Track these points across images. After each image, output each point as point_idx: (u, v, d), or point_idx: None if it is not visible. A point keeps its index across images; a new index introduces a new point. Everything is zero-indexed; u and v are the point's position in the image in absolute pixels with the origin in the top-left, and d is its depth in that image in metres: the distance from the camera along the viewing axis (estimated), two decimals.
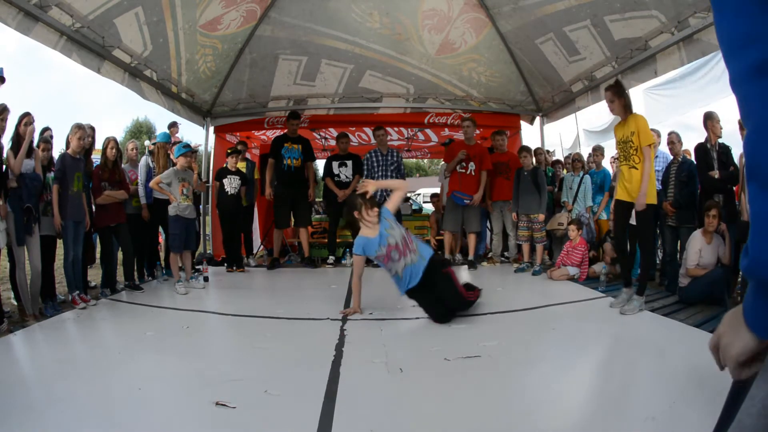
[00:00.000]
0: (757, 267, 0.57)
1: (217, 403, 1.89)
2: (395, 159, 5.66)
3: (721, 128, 4.08)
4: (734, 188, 4.13)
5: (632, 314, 3.26)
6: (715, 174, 4.00)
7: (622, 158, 3.47)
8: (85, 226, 3.93)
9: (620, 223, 3.59)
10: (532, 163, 5.34)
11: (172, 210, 4.33)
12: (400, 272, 3.13)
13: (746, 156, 0.59)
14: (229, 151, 5.66)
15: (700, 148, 4.17)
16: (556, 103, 6.23)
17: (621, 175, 3.51)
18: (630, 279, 3.54)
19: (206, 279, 4.64)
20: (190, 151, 4.51)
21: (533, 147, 5.87)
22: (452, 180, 5.53)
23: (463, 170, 5.41)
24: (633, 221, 3.56)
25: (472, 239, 5.49)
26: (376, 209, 3.23)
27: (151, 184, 4.41)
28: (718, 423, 0.74)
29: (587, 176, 5.49)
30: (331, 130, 7.15)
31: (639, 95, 7.53)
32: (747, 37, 0.56)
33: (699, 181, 4.19)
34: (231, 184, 5.42)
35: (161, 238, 5.46)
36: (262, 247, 6.76)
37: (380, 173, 5.55)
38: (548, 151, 7.36)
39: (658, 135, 5.19)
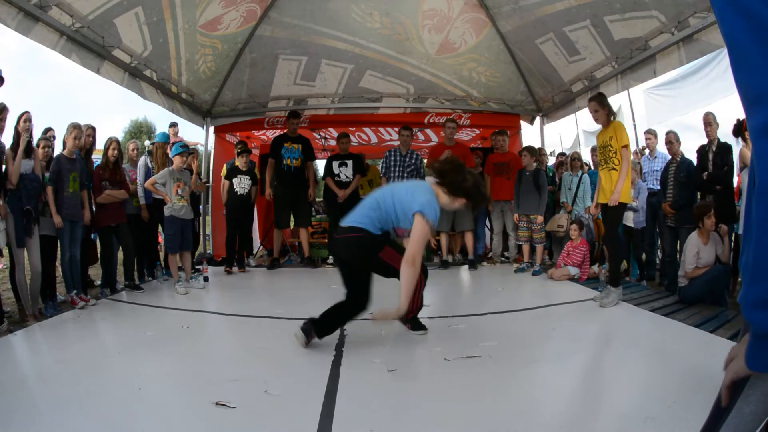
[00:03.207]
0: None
1: (217, 403, 1.89)
2: (414, 161, 5.57)
3: (712, 131, 4.11)
4: (734, 188, 4.13)
5: (611, 306, 3.40)
6: (703, 176, 4.06)
7: (602, 162, 3.66)
8: (82, 226, 3.92)
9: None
10: (534, 163, 5.34)
11: (167, 210, 4.34)
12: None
13: (756, 209, 0.62)
14: (239, 150, 5.60)
15: (699, 150, 4.20)
16: (556, 103, 6.23)
17: (600, 180, 3.69)
18: (618, 279, 3.67)
19: (206, 279, 4.65)
20: (186, 151, 4.50)
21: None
22: None
23: None
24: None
25: (468, 238, 5.48)
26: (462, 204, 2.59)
27: (146, 184, 4.43)
28: (712, 413, 0.75)
29: (586, 176, 5.49)
30: (331, 130, 7.15)
31: (639, 95, 7.55)
32: (759, 96, 0.59)
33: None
34: (241, 184, 5.41)
35: (161, 238, 5.46)
36: (262, 247, 6.76)
37: (396, 173, 5.49)
38: (563, 154, 7.34)
39: (655, 135, 5.20)
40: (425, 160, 6.84)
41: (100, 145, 4.55)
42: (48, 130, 4.26)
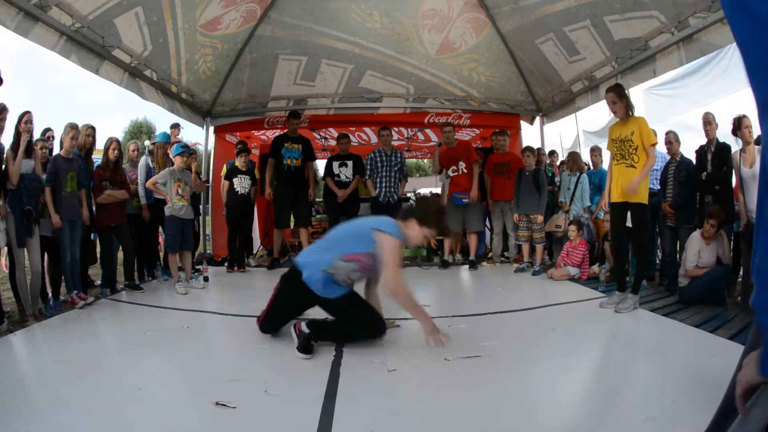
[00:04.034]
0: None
1: (217, 403, 1.89)
2: (398, 160, 5.68)
3: (711, 131, 4.09)
4: (733, 187, 4.13)
5: (626, 312, 3.28)
6: (702, 176, 4.05)
7: (618, 157, 3.46)
8: (80, 225, 3.92)
9: (617, 226, 3.59)
10: (534, 164, 5.34)
11: (167, 210, 4.34)
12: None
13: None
14: (238, 149, 5.61)
15: (698, 150, 4.20)
16: (556, 103, 6.23)
17: (615, 176, 3.50)
18: (624, 282, 3.52)
19: (206, 279, 4.65)
20: (186, 151, 4.50)
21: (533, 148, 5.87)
22: (449, 183, 5.60)
23: (456, 172, 5.46)
24: (629, 223, 3.56)
25: (473, 239, 5.52)
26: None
27: (147, 184, 4.44)
28: (718, 414, 0.75)
29: (584, 176, 5.49)
30: (331, 130, 7.16)
31: (639, 95, 7.54)
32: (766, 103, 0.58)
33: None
34: (241, 184, 5.42)
35: (161, 239, 5.46)
36: (262, 247, 6.76)
37: (384, 173, 5.56)
38: (553, 152, 7.33)
39: (655, 135, 5.20)
40: (425, 161, 6.85)
41: (100, 145, 4.55)
42: (47, 130, 4.26)
